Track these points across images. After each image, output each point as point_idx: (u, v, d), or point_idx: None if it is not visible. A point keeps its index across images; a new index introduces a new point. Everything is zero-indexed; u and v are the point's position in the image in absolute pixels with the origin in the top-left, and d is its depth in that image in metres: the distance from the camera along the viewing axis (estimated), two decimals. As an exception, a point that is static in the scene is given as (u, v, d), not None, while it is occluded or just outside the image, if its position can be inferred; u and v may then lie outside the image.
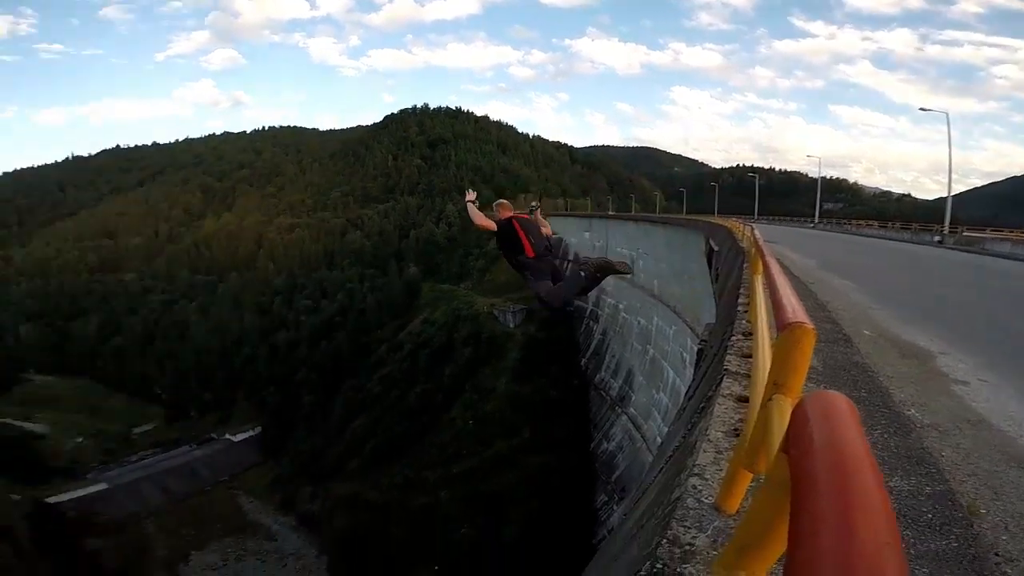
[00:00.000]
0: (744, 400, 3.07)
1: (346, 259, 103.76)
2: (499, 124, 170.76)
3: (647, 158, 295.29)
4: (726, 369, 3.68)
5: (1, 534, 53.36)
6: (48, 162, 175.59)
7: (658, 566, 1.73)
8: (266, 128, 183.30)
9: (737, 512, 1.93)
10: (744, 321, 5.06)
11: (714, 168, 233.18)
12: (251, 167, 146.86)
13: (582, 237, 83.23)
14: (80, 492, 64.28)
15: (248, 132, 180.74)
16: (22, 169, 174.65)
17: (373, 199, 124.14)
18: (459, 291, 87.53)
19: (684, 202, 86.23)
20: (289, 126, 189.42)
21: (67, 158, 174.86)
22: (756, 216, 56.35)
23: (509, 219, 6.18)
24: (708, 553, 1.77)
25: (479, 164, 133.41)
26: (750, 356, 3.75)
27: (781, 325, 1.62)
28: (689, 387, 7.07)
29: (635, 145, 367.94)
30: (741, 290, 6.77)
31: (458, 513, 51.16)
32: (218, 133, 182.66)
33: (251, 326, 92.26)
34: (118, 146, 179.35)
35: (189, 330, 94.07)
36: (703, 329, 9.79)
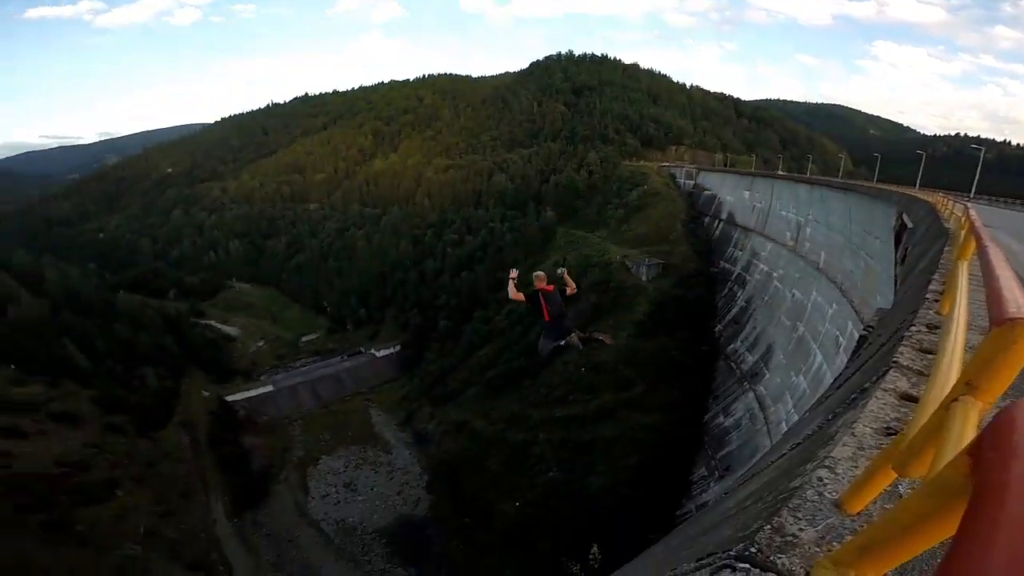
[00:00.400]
0: (909, 399, 2.72)
1: (491, 199, 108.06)
2: (651, 72, 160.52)
3: (834, 117, 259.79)
4: (895, 362, 3.18)
5: (186, 427, 65.61)
6: (254, 108, 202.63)
7: (752, 550, 1.66)
8: (426, 76, 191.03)
9: (859, 513, 1.82)
10: (932, 312, 4.33)
11: (923, 135, 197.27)
12: (414, 112, 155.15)
13: (740, 196, 76.47)
14: (252, 392, 74.23)
15: (411, 80, 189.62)
16: (236, 115, 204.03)
17: (518, 144, 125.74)
18: (593, 238, 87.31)
19: (876, 169, 74.39)
20: (446, 73, 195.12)
21: (268, 104, 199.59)
22: (972, 194, 47.01)
23: (536, 291, 8.42)
24: (810, 548, 1.68)
25: (626, 112, 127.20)
26: (930, 352, 3.25)
27: (997, 319, 1.36)
28: (839, 375, 6.64)
29: (820, 102, 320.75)
30: (935, 276, 5.85)
31: (552, 455, 52.35)
32: (386, 81, 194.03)
33: (405, 254, 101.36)
34: (306, 94, 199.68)
35: (356, 254, 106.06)
36: (872, 314, 8.64)
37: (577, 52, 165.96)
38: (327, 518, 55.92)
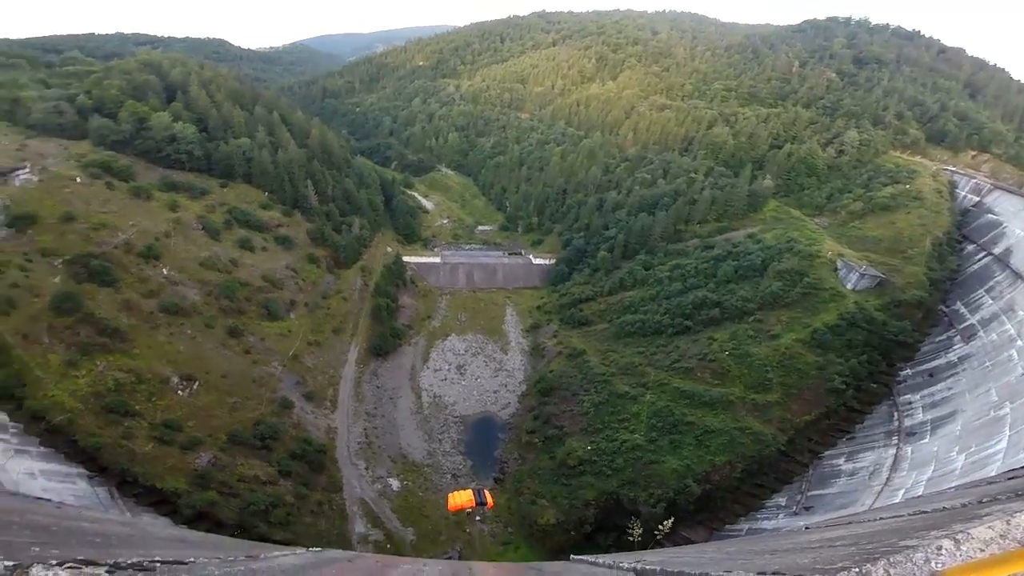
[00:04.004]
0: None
1: (702, 150, 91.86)
2: (980, 62, 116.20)
3: None
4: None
5: (364, 273, 68.88)
6: (495, 18, 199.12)
7: None
8: (667, 11, 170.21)
9: None
10: None
11: None
12: (644, 44, 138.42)
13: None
14: (422, 259, 77.34)
15: (649, 12, 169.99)
16: (478, 22, 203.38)
17: (758, 100, 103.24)
18: (810, 224, 68.29)
19: None
20: (689, 12, 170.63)
21: (508, 16, 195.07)
22: None
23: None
24: None
25: (920, 98, 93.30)
26: None
27: None
28: (1019, 468, 6.04)
29: None
30: None
31: (646, 419, 44.76)
32: (622, 8, 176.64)
33: (591, 178, 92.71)
34: (544, 10, 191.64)
35: (547, 166, 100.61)
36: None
37: (875, 21, 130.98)
38: (429, 389, 54.91)
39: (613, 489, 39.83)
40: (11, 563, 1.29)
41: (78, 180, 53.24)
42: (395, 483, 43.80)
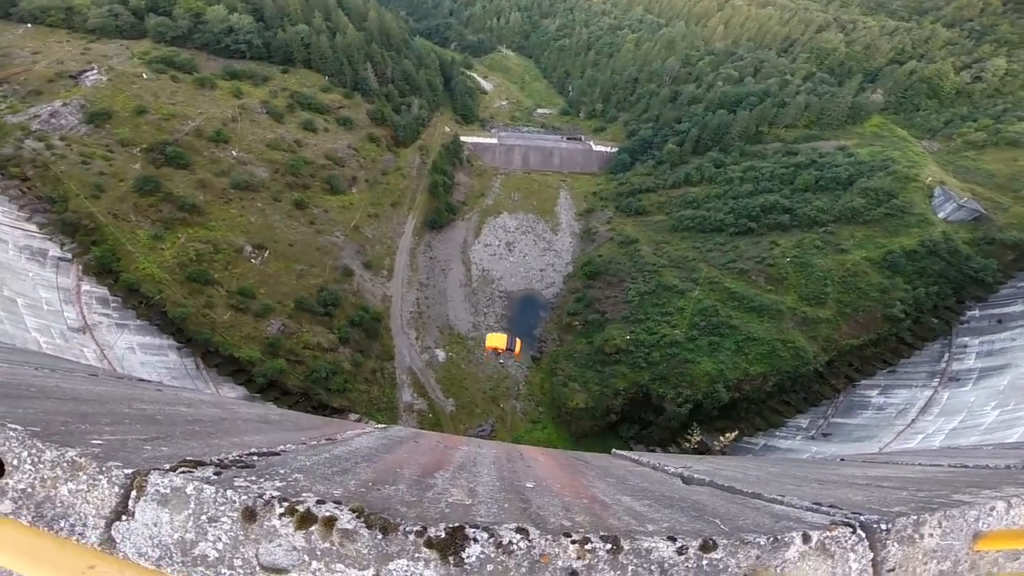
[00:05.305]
0: None
1: (805, 53, 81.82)
2: None
3: None
4: None
5: (422, 151, 68.13)
6: None
7: (882, 527, 1.54)
8: None
9: (979, 552, 1.66)
10: None
11: None
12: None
13: None
14: (479, 139, 76.17)
15: None
16: None
17: (887, 12, 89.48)
18: (915, 146, 60.34)
19: None
20: None
21: None
22: None
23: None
24: (916, 555, 1.54)
25: None
26: None
27: None
28: None
29: None
30: None
31: (690, 316, 43.52)
32: None
33: (668, 69, 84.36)
34: None
35: (618, 53, 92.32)
36: None
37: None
38: (478, 263, 56.36)
39: (644, 382, 40.09)
40: (130, 470, 1.30)
41: (144, 76, 54.91)
42: (441, 354, 46.29)
